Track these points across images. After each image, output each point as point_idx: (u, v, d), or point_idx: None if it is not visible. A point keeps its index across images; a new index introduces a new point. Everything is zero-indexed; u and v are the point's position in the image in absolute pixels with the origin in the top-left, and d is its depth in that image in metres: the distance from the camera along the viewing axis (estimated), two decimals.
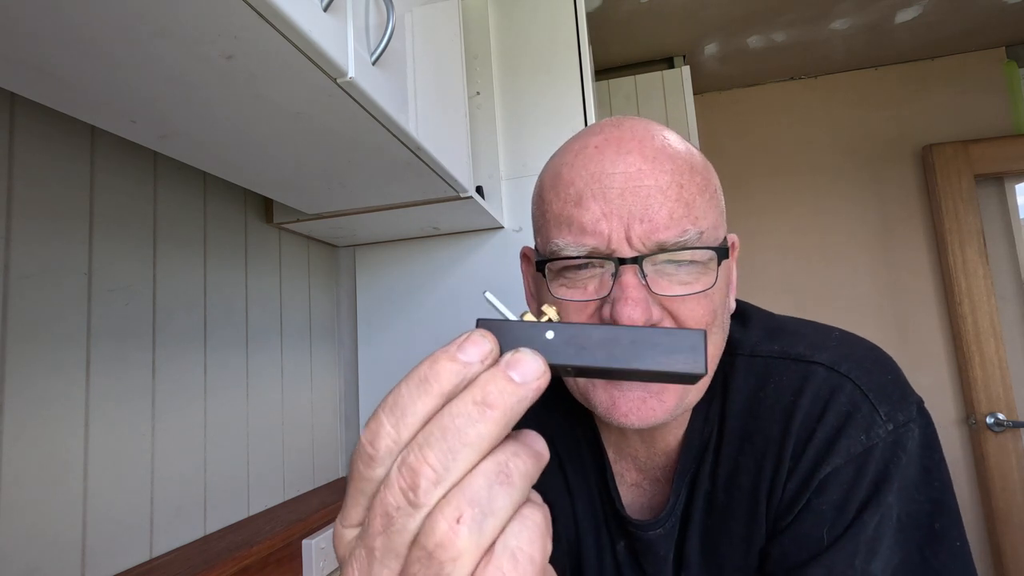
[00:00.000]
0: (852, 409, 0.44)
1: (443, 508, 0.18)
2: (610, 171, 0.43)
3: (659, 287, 0.42)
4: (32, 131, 0.62)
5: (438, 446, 0.19)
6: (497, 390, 0.20)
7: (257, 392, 0.97)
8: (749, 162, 2.08)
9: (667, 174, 0.43)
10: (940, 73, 1.96)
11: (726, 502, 0.48)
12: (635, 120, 0.47)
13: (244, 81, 0.53)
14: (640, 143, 0.44)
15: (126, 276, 0.73)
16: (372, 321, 1.24)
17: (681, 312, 0.43)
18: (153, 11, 0.42)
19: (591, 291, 0.44)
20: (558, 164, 0.47)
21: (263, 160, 0.73)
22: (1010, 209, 1.89)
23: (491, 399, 0.20)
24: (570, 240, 0.43)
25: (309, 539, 0.92)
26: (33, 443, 0.59)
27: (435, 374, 0.21)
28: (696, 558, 0.50)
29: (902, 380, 0.46)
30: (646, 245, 0.42)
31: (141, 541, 0.72)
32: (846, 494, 0.43)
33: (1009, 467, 1.72)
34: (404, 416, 0.20)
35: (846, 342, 0.49)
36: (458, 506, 0.18)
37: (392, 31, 0.62)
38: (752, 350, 0.50)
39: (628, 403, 0.43)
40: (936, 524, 0.42)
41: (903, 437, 0.43)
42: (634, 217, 0.41)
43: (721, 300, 0.46)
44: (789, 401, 0.46)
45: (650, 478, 0.54)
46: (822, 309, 1.94)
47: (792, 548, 0.44)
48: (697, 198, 0.43)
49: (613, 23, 1.65)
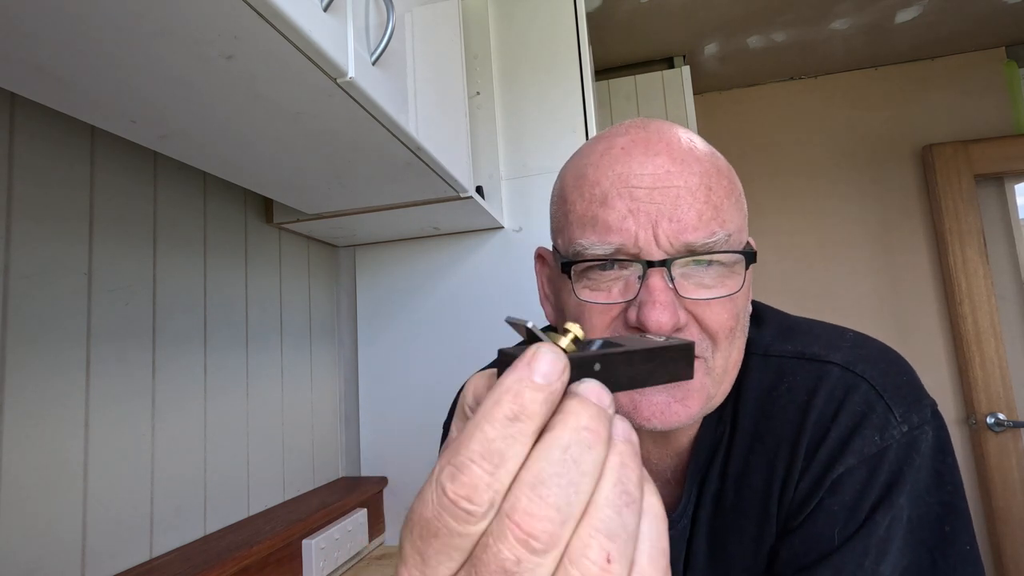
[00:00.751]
0: (867, 409, 0.43)
1: (586, 551, 0.17)
2: (638, 172, 0.42)
3: (685, 291, 0.42)
4: (32, 131, 0.62)
5: (555, 482, 0.17)
6: (589, 415, 0.18)
7: (257, 392, 0.97)
8: (749, 162, 2.08)
9: (696, 176, 0.42)
10: (940, 73, 1.96)
11: (736, 501, 0.48)
12: (660, 122, 0.47)
13: (244, 81, 0.53)
14: (668, 145, 0.43)
15: (126, 276, 0.73)
16: (372, 321, 1.24)
17: (706, 316, 0.42)
18: (153, 11, 0.42)
19: (616, 294, 0.43)
20: (582, 164, 0.46)
21: (263, 160, 0.73)
22: (1010, 209, 1.89)
23: (593, 424, 0.18)
24: (595, 239, 0.42)
25: (309, 539, 0.92)
26: (33, 443, 0.59)
27: (523, 407, 0.18)
28: (702, 558, 0.50)
29: (917, 382, 0.46)
30: (674, 246, 0.41)
31: (141, 541, 0.72)
32: (859, 495, 0.42)
33: (1009, 467, 1.72)
34: (504, 463, 0.17)
35: (860, 343, 0.48)
36: (601, 545, 0.17)
37: (392, 31, 0.62)
38: (766, 350, 0.50)
39: (651, 407, 0.42)
40: (947, 527, 0.42)
41: (917, 439, 0.43)
42: (663, 215, 0.41)
43: (744, 304, 0.45)
44: (803, 400, 0.45)
45: (661, 480, 0.54)
46: (822, 309, 1.94)
47: (802, 548, 0.43)
48: (724, 201, 0.43)
49: (613, 23, 1.65)
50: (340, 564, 1.00)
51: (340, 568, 1.01)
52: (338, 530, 0.99)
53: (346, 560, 1.02)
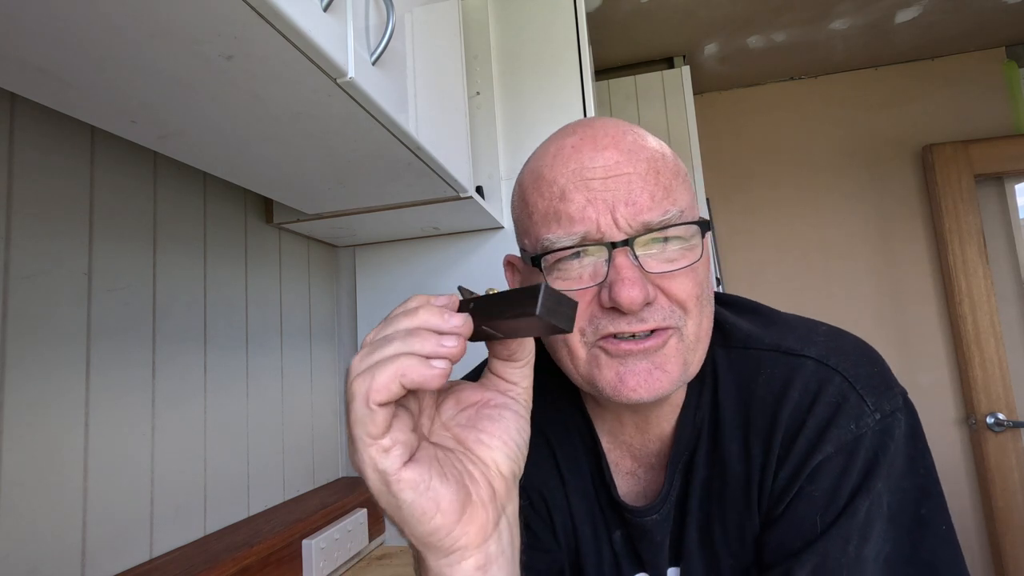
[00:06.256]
0: (841, 400, 0.46)
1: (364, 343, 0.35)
2: (590, 165, 0.45)
3: (650, 266, 0.45)
4: (32, 131, 0.62)
5: (384, 324, 0.35)
6: (416, 303, 0.35)
7: (257, 392, 0.97)
8: (749, 162, 2.08)
9: (643, 162, 0.46)
10: (940, 73, 1.96)
11: (721, 489, 0.50)
12: (605, 119, 0.50)
13: (244, 81, 0.53)
14: (614, 139, 0.47)
15: (126, 276, 0.73)
16: (372, 321, 1.24)
17: (673, 288, 0.45)
18: (153, 11, 0.42)
19: (587, 279, 0.46)
20: (538, 167, 0.49)
21: (263, 160, 0.73)
22: (1010, 209, 1.89)
23: (411, 305, 0.35)
24: (560, 233, 0.45)
25: (309, 539, 0.92)
26: (33, 443, 0.60)
27: (406, 306, 0.36)
28: (695, 546, 0.51)
29: (887, 372, 0.48)
30: (633, 227, 0.44)
31: (141, 541, 0.72)
32: (838, 481, 0.44)
33: (1009, 467, 1.72)
34: (386, 326, 0.35)
35: (833, 336, 0.51)
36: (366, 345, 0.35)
37: (392, 31, 0.62)
38: (744, 342, 0.52)
39: (635, 377, 0.45)
40: (922, 510, 0.44)
41: (890, 426, 0.45)
42: (619, 201, 0.44)
43: (706, 274, 0.48)
44: (780, 392, 0.48)
45: (644, 465, 0.55)
46: (822, 309, 1.94)
47: (787, 535, 0.45)
48: (672, 182, 0.46)
49: (613, 23, 1.65)
50: (340, 564, 1.00)
51: (340, 568, 1.01)
52: (338, 530, 0.99)
53: (346, 560, 1.02)
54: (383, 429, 0.32)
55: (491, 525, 0.35)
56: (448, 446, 0.37)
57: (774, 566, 0.45)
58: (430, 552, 0.34)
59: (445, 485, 0.33)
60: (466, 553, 0.34)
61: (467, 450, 0.37)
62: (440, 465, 0.34)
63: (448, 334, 0.33)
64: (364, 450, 0.32)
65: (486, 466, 0.36)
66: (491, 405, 0.39)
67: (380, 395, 0.31)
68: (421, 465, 0.33)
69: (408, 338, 0.32)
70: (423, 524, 0.33)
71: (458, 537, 0.34)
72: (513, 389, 0.40)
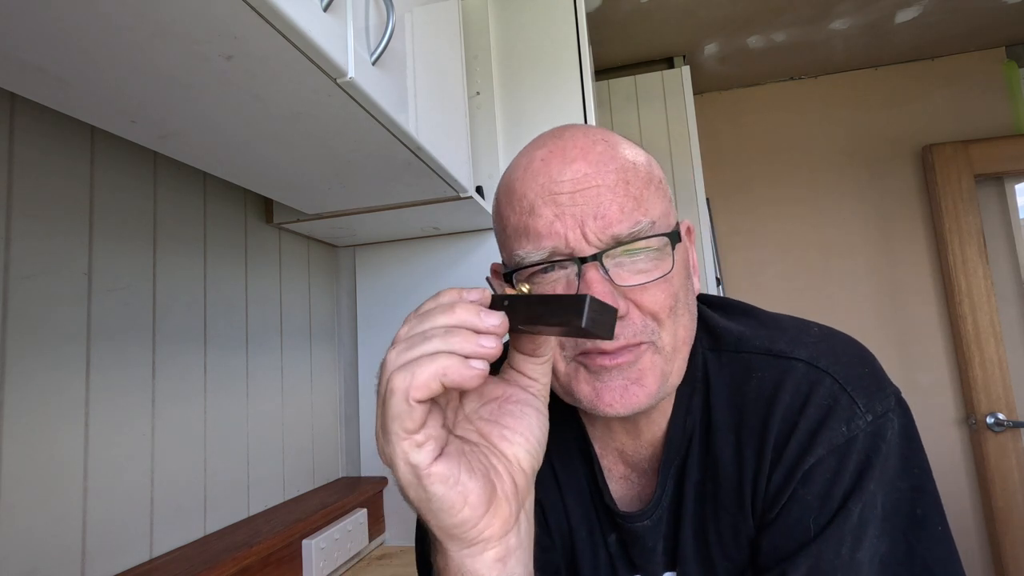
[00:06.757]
0: (832, 402, 0.45)
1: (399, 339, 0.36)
2: (558, 179, 0.45)
3: (621, 279, 0.45)
4: (32, 131, 0.62)
5: (415, 320, 0.36)
6: (449, 297, 0.36)
7: (257, 392, 0.97)
8: (749, 162, 2.08)
9: (612, 173, 0.45)
10: (940, 73, 1.96)
11: (714, 492, 0.50)
12: (576, 128, 0.49)
13: (244, 81, 0.53)
14: (583, 150, 0.46)
15: (126, 276, 0.73)
16: (372, 321, 1.24)
17: (644, 300, 0.45)
18: (153, 11, 0.42)
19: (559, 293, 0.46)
20: (510, 180, 0.49)
21: (263, 160, 0.73)
22: (1010, 209, 1.89)
23: (444, 300, 0.36)
24: (530, 248, 0.45)
25: (309, 539, 0.92)
26: (33, 443, 0.60)
27: (438, 300, 0.36)
28: (690, 550, 0.51)
29: (879, 372, 0.48)
30: (602, 240, 0.44)
31: (141, 541, 0.72)
32: (830, 484, 0.44)
33: (1009, 467, 1.72)
34: (422, 320, 0.35)
35: (825, 338, 0.50)
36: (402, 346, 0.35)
37: (392, 31, 0.62)
38: (736, 345, 0.52)
39: (611, 392, 0.45)
40: (918, 510, 0.44)
41: (883, 427, 0.45)
42: (587, 215, 0.44)
43: (681, 283, 0.48)
44: (770, 395, 0.48)
45: (638, 470, 0.55)
46: (822, 309, 1.94)
47: (781, 539, 0.45)
48: (643, 191, 0.46)
49: (613, 23, 1.65)
50: (340, 564, 1.00)
51: (340, 568, 1.01)
52: (338, 530, 0.99)
53: (346, 560, 1.02)
54: (420, 424, 0.33)
55: (513, 519, 0.37)
56: (472, 440, 0.38)
57: (768, 569, 0.45)
58: (453, 543, 0.36)
59: (473, 480, 0.35)
60: (488, 545, 0.36)
61: (491, 445, 0.38)
62: (468, 460, 0.36)
63: (486, 333, 0.33)
64: (398, 444, 0.33)
65: (509, 461, 0.38)
66: (513, 400, 0.40)
67: (420, 392, 0.32)
68: (451, 460, 0.34)
69: (448, 336, 0.33)
70: (451, 517, 0.34)
71: (483, 530, 0.35)
72: (534, 385, 0.41)
